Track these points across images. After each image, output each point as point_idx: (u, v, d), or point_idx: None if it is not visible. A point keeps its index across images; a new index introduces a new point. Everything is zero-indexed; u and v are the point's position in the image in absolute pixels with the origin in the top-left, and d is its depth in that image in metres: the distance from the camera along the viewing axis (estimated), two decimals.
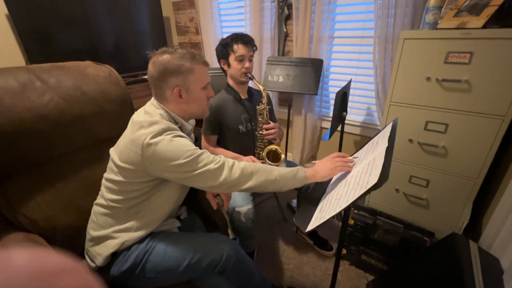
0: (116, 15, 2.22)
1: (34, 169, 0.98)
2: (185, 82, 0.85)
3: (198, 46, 2.77)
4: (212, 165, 0.81)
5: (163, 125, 0.81)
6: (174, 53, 0.84)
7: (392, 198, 1.46)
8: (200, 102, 0.91)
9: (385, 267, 1.35)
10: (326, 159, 0.92)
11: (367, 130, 2.02)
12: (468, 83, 1.10)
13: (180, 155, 0.78)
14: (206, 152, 0.83)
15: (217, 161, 0.82)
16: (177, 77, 0.84)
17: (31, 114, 0.92)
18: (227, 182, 0.82)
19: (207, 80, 0.90)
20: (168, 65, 0.83)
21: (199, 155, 0.81)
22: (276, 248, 1.61)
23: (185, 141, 0.82)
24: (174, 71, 0.83)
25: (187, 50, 0.85)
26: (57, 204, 1.00)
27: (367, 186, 0.68)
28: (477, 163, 1.17)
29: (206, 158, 0.81)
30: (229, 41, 1.29)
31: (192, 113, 0.93)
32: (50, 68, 1.04)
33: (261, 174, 0.84)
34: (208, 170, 0.80)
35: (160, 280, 0.89)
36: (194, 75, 0.85)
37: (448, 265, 1.04)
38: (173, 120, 0.89)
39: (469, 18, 1.07)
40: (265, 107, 1.31)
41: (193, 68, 0.84)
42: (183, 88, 0.85)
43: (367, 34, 1.79)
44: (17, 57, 1.87)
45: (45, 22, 1.84)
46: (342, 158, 0.91)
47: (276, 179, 0.85)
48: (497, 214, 1.15)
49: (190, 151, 0.80)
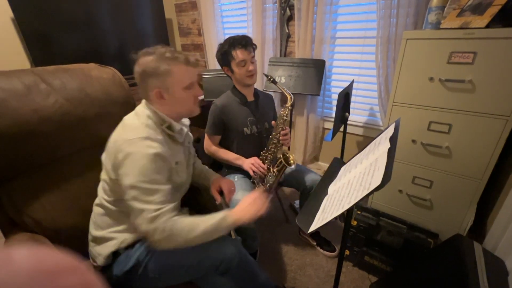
0: (119, 17, 2.24)
1: (39, 170, 0.99)
2: (164, 84, 0.83)
3: (200, 47, 2.78)
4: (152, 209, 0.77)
5: (143, 133, 0.81)
6: (152, 54, 0.82)
7: (396, 199, 1.45)
8: (185, 102, 0.89)
9: (388, 268, 1.35)
10: (249, 202, 0.90)
11: (370, 131, 2.01)
12: (471, 83, 1.09)
13: (138, 175, 0.77)
14: (162, 192, 0.79)
15: (162, 208, 0.78)
16: (155, 79, 0.82)
17: (36, 116, 0.93)
18: (149, 236, 0.78)
19: (189, 80, 0.86)
20: (145, 68, 0.82)
21: (154, 191, 0.77)
22: (279, 249, 1.61)
23: (156, 166, 0.79)
24: (151, 73, 0.82)
25: (168, 50, 0.83)
26: (62, 204, 1.01)
27: (370, 187, 0.68)
28: (481, 163, 1.16)
29: (158, 197, 0.78)
30: (227, 48, 1.26)
31: (179, 113, 0.91)
32: (54, 70, 1.06)
33: (180, 233, 0.79)
34: (141, 212, 0.77)
35: (163, 280, 0.89)
36: (173, 76, 0.83)
37: (453, 267, 1.03)
38: (161, 120, 0.88)
39: (472, 18, 1.06)
40: (288, 112, 1.30)
41: (170, 69, 0.82)
42: (162, 89, 0.84)
43: (370, 35, 1.79)
44: (22, 59, 1.89)
45: (50, 25, 1.87)
46: (263, 199, 0.91)
47: (199, 236, 0.81)
48: (502, 215, 1.14)
49: (152, 181, 0.77)
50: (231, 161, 1.40)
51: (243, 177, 1.41)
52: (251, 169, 1.32)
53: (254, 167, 1.31)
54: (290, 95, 1.28)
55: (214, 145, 1.44)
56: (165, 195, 0.80)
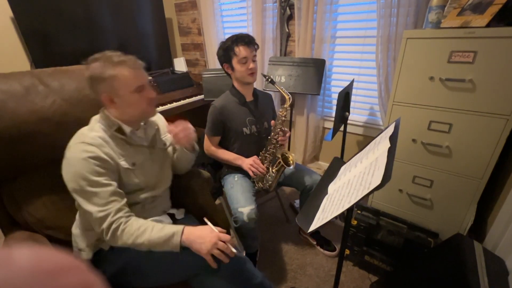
0: (119, 16, 2.24)
1: (40, 169, 1.01)
2: (112, 88, 0.85)
3: (200, 47, 2.78)
4: (97, 211, 0.81)
5: (81, 138, 0.85)
6: (99, 60, 0.84)
7: (396, 198, 1.45)
8: (136, 105, 0.89)
9: (388, 268, 1.35)
10: (209, 240, 0.84)
11: (370, 130, 2.01)
12: (472, 82, 1.09)
13: (75, 179, 0.81)
14: (103, 193, 0.82)
15: (105, 209, 0.82)
16: (103, 84, 0.84)
17: (34, 117, 0.94)
18: (101, 236, 0.83)
19: (137, 83, 0.87)
20: (92, 74, 0.84)
21: (93, 193, 0.81)
22: (279, 248, 1.61)
23: (92, 168, 0.82)
24: (97, 79, 0.84)
25: (115, 55, 0.85)
26: (63, 203, 1.02)
27: (370, 187, 0.67)
28: (481, 163, 1.16)
29: (99, 199, 0.82)
30: (230, 44, 1.25)
31: (132, 115, 0.92)
32: (53, 72, 1.06)
33: (129, 237, 0.83)
34: (90, 214, 0.82)
35: (156, 276, 0.89)
36: (119, 81, 0.84)
37: (453, 266, 1.03)
38: (110, 123, 0.89)
39: (472, 17, 1.06)
40: (287, 112, 1.29)
41: (115, 74, 0.83)
42: (111, 94, 0.85)
43: (370, 34, 1.79)
44: (21, 59, 1.89)
45: (49, 24, 1.87)
46: (223, 246, 0.84)
47: (144, 244, 0.83)
48: (502, 214, 1.14)
49: (88, 181, 0.81)
50: (231, 161, 1.40)
51: (243, 177, 1.41)
52: (250, 169, 1.32)
53: (253, 167, 1.31)
54: (288, 96, 1.27)
55: (214, 146, 1.44)
56: (108, 196, 0.83)
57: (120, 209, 0.85)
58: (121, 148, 0.91)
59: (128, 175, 0.92)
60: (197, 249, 0.83)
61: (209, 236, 0.85)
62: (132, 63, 0.86)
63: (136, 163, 0.95)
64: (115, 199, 0.84)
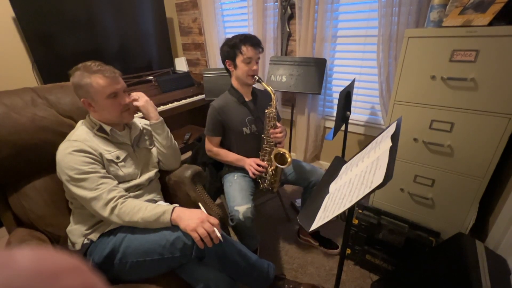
0: (120, 16, 2.24)
1: (42, 172, 1.08)
2: (89, 94, 0.96)
3: (201, 46, 2.78)
4: (89, 193, 0.91)
5: (69, 137, 0.98)
6: (79, 69, 0.95)
7: (397, 197, 1.45)
8: (110, 110, 0.99)
9: (390, 267, 1.34)
10: (197, 217, 0.90)
11: (371, 130, 2.01)
12: (474, 81, 1.08)
13: (66, 170, 0.91)
14: (91, 178, 0.92)
15: (97, 190, 0.91)
16: (81, 90, 0.96)
17: (33, 125, 1.05)
18: (97, 214, 0.93)
19: (111, 90, 0.96)
20: (73, 81, 0.96)
21: (82, 179, 0.91)
22: (280, 247, 1.61)
23: (77, 159, 0.92)
24: (77, 86, 0.95)
25: (93, 64, 0.95)
26: (63, 203, 1.08)
27: (371, 186, 0.67)
28: (483, 162, 1.16)
29: (89, 184, 0.91)
30: (238, 42, 1.26)
31: (107, 119, 1.02)
32: (51, 88, 1.19)
33: (126, 215, 0.92)
34: (85, 198, 0.91)
35: (142, 266, 0.91)
36: (93, 87, 0.94)
37: (454, 266, 1.03)
38: (92, 124, 1.02)
39: (474, 16, 1.05)
40: (274, 110, 1.28)
41: (91, 82, 0.94)
42: (88, 99, 0.97)
43: (371, 33, 1.78)
44: (23, 59, 1.89)
45: (51, 24, 1.87)
46: (210, 227, 0.89)
47: (139, 222, 0.91)
48: (504, 213, 1.13)
49: (76, 170, 0.91)
50: (233, 162, 1.40)
51: (243, 176, 1.41)
52: (250, 169, 1.32)
53: (253, 168, 1.32)
54: (273, 93, 1.28)
55: (215, 147, 1.44)
56: (96, 180, 0.92)
57: (112, 189, 0.94)
58: (104, 145, 1.02)
59: (113, 167, 1.02)
60: (185, 225, 0.89)
61: (198, 215, 0.91)
62: (108, 72, 0.96)
63: (119, 157, 1.04)
64: (104, 182, 0.94)
